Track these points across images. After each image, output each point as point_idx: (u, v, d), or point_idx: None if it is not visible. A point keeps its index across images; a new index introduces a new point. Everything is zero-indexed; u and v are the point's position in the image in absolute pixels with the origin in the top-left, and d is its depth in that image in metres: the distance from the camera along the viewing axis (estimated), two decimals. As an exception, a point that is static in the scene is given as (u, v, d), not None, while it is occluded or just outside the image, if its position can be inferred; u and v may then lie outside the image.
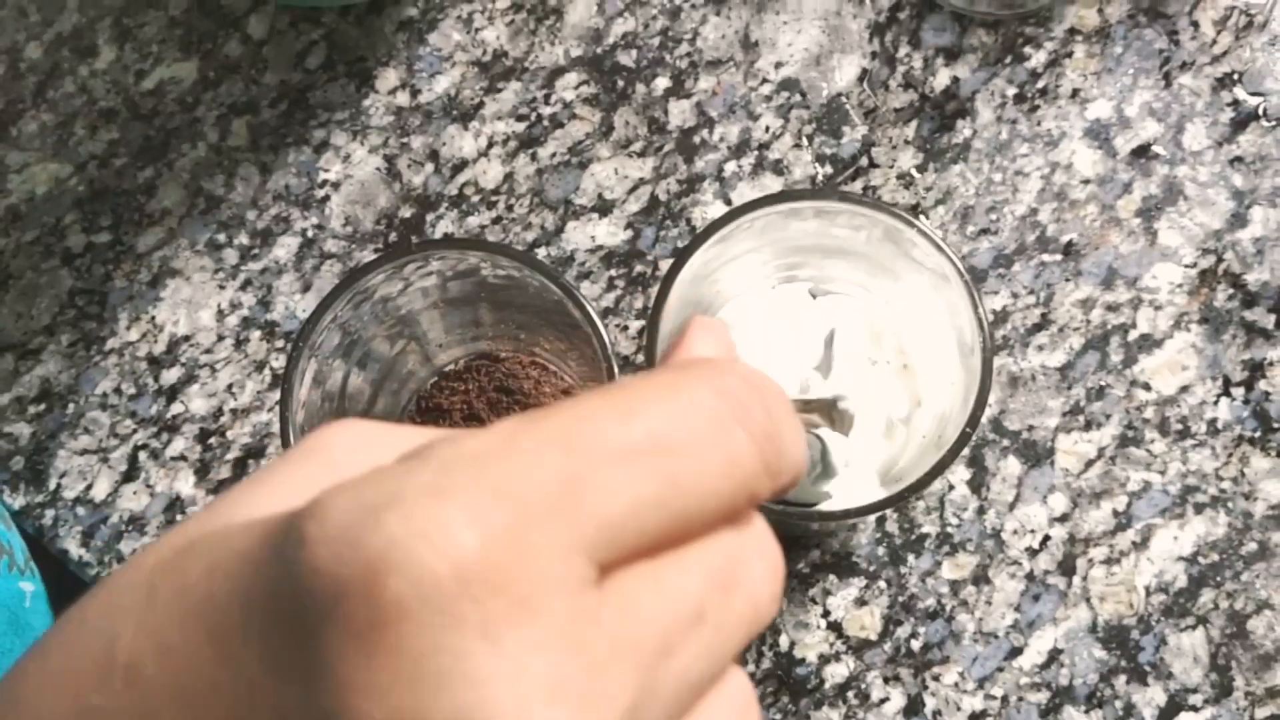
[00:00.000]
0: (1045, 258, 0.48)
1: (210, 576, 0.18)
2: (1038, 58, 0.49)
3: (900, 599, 0.45)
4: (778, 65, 0.50)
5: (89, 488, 0.48)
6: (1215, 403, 0.46)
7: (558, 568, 0.16)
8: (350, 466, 0.19)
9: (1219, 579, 0.45)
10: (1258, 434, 0.46)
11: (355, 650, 0.16)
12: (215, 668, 0.17)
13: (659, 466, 0.18)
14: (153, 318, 0.49)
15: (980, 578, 0.46)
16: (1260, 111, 0.49)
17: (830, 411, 0.33)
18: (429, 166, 0.50)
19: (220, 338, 0.49)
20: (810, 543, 0.46)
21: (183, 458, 0.48)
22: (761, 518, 0.20)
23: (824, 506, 0.39)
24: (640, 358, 0.48)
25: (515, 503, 0.17)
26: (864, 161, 0.49)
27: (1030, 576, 0.45)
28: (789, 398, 0.21)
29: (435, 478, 0.17)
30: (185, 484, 0.48)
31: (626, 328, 0.48)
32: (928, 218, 0.48)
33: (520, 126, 0.50)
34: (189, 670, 0.17)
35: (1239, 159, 0.48)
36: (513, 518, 0.16)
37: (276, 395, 0.48)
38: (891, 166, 0.49)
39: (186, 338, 0.49)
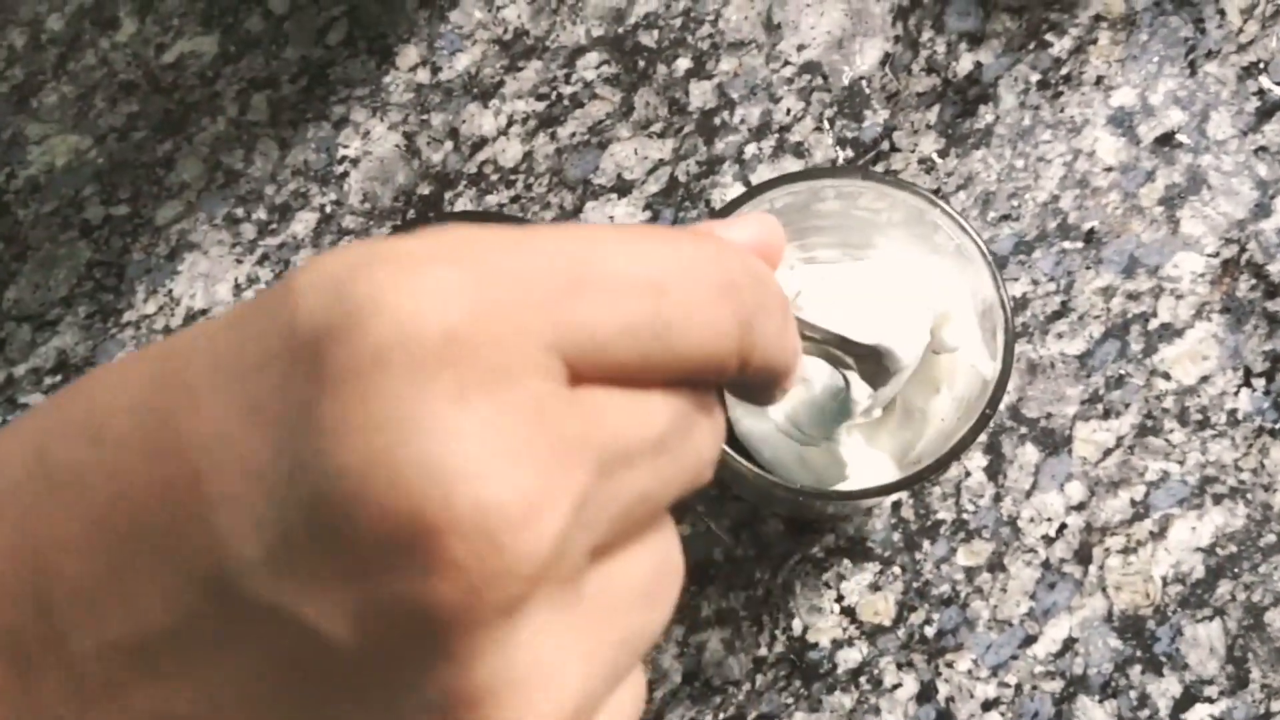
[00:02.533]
0: (1066, 245, 0.47)
1: (193, 344, 0.18)
2: (1062, 44, 0.49)
3: (915, 585, 0.45)
4: (800, 48, 0.50)
5: (104, 460, 0.48)
6: (1236, 393, 0.46)
7: (537, 354, 0.17)
8: None
9: (1237, 570, 0.45)
10: (1278, 425, 0.46)
11: (332, 394, 0.16)
12: (186, 422, 0.17)
13: (652, 305, 0.18)
14: (170, 291, 0.49)
15: (995, 565, 0.45)
16: (1286, 101, 0.48)
17: (868, 360, 0.33)
18: (448, 144, 0.50)
19: (237, 312, 0.49)
20: (825, 527, 0.46)
21: (197, 431, 0.48)
22: (713, 392, 0.21)
23: (840, 487, 0.39)
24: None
25: (515, 284, 0.17)
26: (885, 146, 0.49)
27: (1046, 565, 0.45)
28: (807, 325, 0.22)
29: (439, 246, 0.17)
30: (200, 457, 0.47)
31: (644, 309, 0.48)
32: (949, 203, 0.48)
33: (540, 105, 0.50)
34: (159, 428, 0.17)
35: (1263, 149, 0.48)
36: (509, 296, 0.17)
37: (292, 370, 0.48)
38: (913, 151, 0.49)
39: (203, 311, 0.49)
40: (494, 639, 0.16)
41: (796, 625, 0.45)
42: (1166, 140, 0.48)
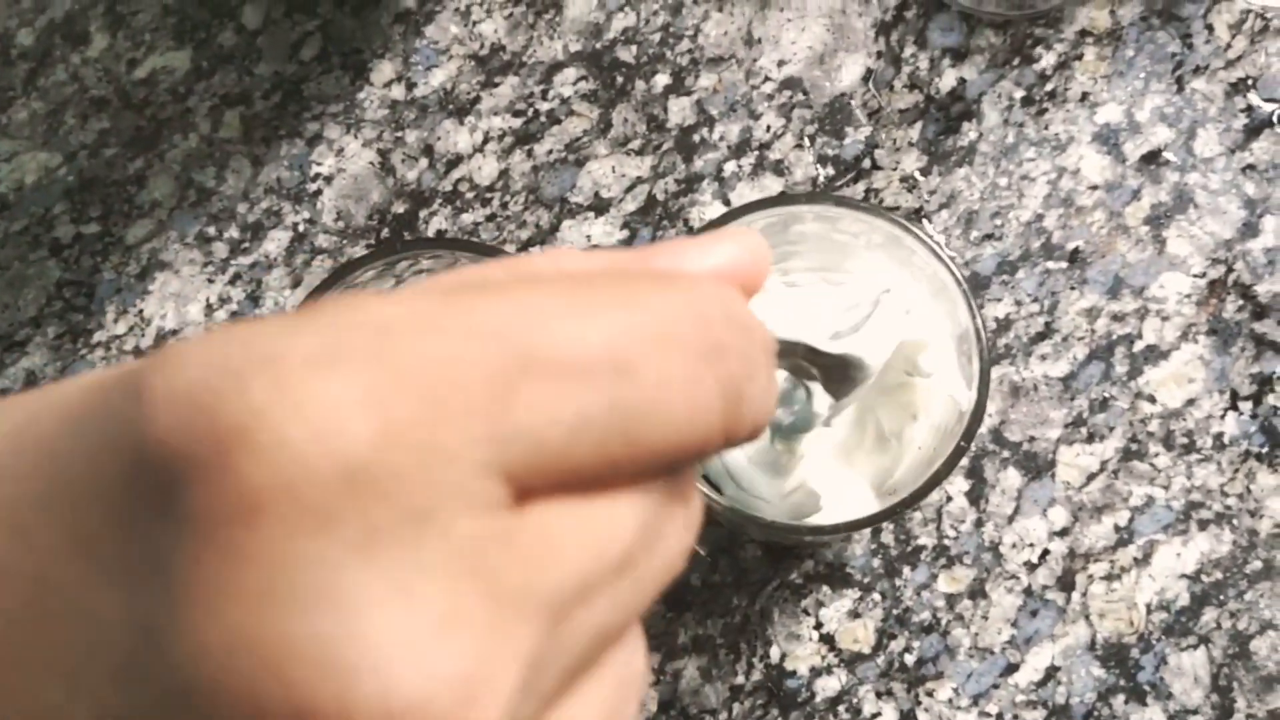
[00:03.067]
0: (1050, 265, 0.47)
1: (12, 435, 0.14)
2: (1047, 60, 0.48)
3: (895, 612, 0.44)
4: (780, 63, 0.49)
5: (73, 483, 0.47)
6: (1222, 417, 0.45)
7: (470, 482, 0.13)
8: None
9: (1222, 598, 0.44)
10: (1265, 450, 0.45)
11: (191, 548, 0.12)
12: (10, 557, 0.13)
13: (610, 390, 0.14)
14: (140, 311, 0.48)
15: (977, 592, 0.45)
16: (1275, 118, 0.47)
17: (833, 370, 0.31)
18: (423, 161, 0.49)
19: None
20: (803, 553, 0.45)
21: (168, 454, 0.47)
22: (688, 471, 0.17)
23: (814, 520, 0.38)
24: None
25: (427, 393, 0.13)
26: (866, 163, 0.48)
27: (1028, 591, 0.44)
28: (777, 343, 0.18)
29: (326, 342, 0.13)
30: (170, 481, 0.47)
31: (621, 329, 0.47)
32: (930, 222, 0.47)
33: (517, 122, 0.49)
34: None
35: (1251, 167, 0.47)
36: (421, 411, 0.13)
37: (264, 392, 0.47)
38: (895, 169, 0.48)
39: (174, 332, 0.48)
40: None
41: (774, 653, 0.44)
42: (1153, 158, 0.47)
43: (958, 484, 0.45)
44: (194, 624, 0.12)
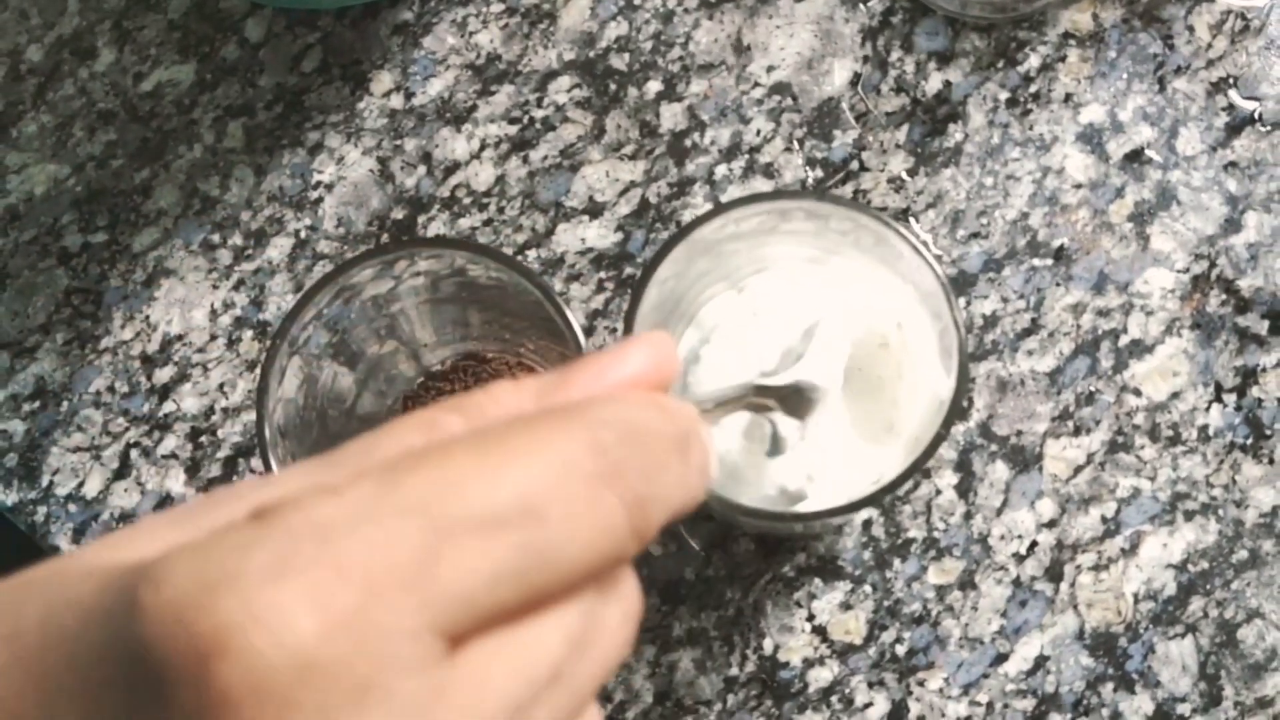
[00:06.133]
0: (1036, 262, 0.48)
1: (44, 624, 0.17)
2: (1031, 62, 0.49)
3: (885, 604, 0.45)
4: (769, 69, 0.50)
5: (81, 485, 0.48)
6: (1206, 409, 0.46)
7: (404, 647, 0.16)
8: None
9: (1209, 587, 0.45)
10: (1249, 441, 0.46)
11: None
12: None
13: (522, 537, 0.17)
14: (146, 317, 0.49)
15: (966, 583, 0.45)
16: (1256, 116, 0.48)
17: (789, 398, 0.34)
18: (421, 169, 0.50)
19: (213, 337, 0.49)
20: (795, 546, 0.46)
21: (174, 456, 0.48)
22: (626, 566, 0.19)
23: (800, 508, 0.39)
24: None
25: (362, 580, 0.16)
26: (855, 165, 0.49)
27: (1017, 582, 0.45)
28: (681, 431, 0.20)
29: (278, 552, 0.16)
30: (176, 482, 0.48)
31: (615, 330, 0.48)
32: (918, 222, 0.48)
33: (512, 129, 0.50)
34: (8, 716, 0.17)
35: (1233, 164, 0.48)
36: (358, 598, 0.16)
37: (267, 395, 0.48)
38: (882, 170, 0.49)
39: (179, 337, 0.49)
40: None
41: (768, 645, 0.45)
42: (1136, 156, 0.48)
43: (946, 477, 0.46)
44: None
